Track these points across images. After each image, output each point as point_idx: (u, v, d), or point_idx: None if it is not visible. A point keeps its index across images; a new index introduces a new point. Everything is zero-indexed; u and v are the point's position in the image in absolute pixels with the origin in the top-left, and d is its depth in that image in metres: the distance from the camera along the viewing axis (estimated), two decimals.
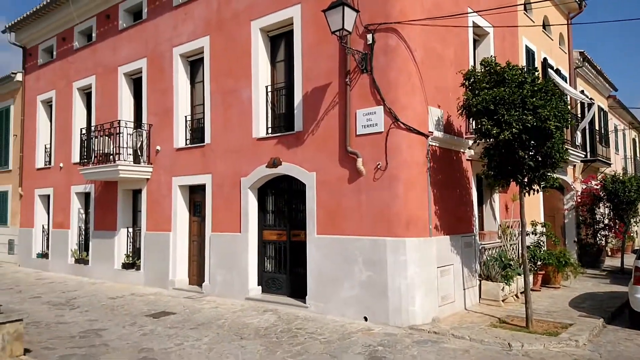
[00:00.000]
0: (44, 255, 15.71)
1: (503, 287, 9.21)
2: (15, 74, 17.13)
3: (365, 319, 7.87)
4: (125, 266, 12.64)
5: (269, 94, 9.97)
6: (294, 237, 9.53)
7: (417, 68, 8.08)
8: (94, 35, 14.14)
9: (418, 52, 8.14)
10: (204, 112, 11.07)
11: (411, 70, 8.02)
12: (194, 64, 11.71)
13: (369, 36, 8.08)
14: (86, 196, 14.33)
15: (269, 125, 9.96)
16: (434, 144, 8.36)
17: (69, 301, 10.14)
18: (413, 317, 7.57)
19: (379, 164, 7.89)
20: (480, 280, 9.41)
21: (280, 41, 10.05)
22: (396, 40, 7.95)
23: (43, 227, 16.03)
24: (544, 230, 11.73)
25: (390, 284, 7.65)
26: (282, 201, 9.93)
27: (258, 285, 9.95)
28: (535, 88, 7.21)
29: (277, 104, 10.01)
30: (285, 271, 9.66)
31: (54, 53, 15.74)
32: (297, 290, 9.28)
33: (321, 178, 8.68)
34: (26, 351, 6.26)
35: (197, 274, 11.34)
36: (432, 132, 8.30)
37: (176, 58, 11.62)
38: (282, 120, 9.89)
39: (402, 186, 7.76)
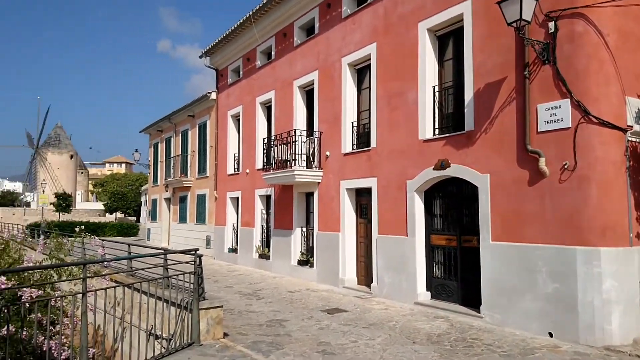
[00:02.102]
0: (233, 250, 17.90)
1: None
2: (210, 93, 19.93)
3: (550, 334, 7.14)
4: (300, 263, 13.66)
5: (436, 94, 9.78)
6: (465, 242, 9.14)
7: (610, 54, 7.08)
8: (273, 53, 15.66)
9: (611, 37, 7.12)
10: (369, 117, 11.37)
11: (603, 57, 7.05)
12: (361, 71, 12.12)
13: (551, 24, 7.34)
14: (267, 198, 15.90)
15: (436, 126, 9.75)
16: (634, 139, 7.21)
17: (255, 292, 11.34)
18: (609, 337, 6.62)
19: (565, 163, 7.10)
20: None
21: (447, 39, 9.79)
22: (584, 26, 7.07)
23: (233, 225, 18.29)
24: None
25: (582, 299, 6.80)
26: (451, 205, 9.62)
27: (427, 290, 9.80)
28: None
29: (444, 104, 9.76)
30: (456, 278, 9.33)
31: (241, 72, 17.87)
32: (469, 298, 8.88)
33: (495, 180, 8.18)
34: (225, 335, 7.19)
35: (365, 275, 11.68)
36: (632, 127, 7.16)
37: (344, 67, 12.18)
38: (450, 120, 9.60)
39: (595, 188, 6.85)
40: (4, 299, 5.16)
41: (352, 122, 12.08)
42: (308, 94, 14.17)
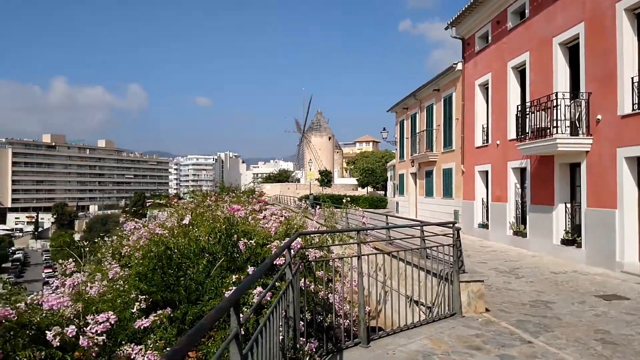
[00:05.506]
0: (484, 225, 17.35)
1: None
2: (456, 64, 19.47)
3: None
4: (565, 242, 12.32)
5: None
6: None
7: None
8: (526, 11, 14.26)
9: None
10: None
11: None
12: None
13: None
14: (522, 171, 14.79)
15: None
16: None
17: (513, 270, 10.77)
18: None
19: None
20: None
21: None
22: None
23: (482, 200, 17.70)
24: None
25: None
26: None
27: None
28: None
29: None
30: None
31: (489, 38, 16.89)
32: None
33: None
34: (486, 310, 7.08)
35: None
36: None
37: (619, 14, 10.22)
38: None
39: None
40: (299, 257, 6.24)
41: (632, 78, 10.10)
42: (571, 50, 12.45)
